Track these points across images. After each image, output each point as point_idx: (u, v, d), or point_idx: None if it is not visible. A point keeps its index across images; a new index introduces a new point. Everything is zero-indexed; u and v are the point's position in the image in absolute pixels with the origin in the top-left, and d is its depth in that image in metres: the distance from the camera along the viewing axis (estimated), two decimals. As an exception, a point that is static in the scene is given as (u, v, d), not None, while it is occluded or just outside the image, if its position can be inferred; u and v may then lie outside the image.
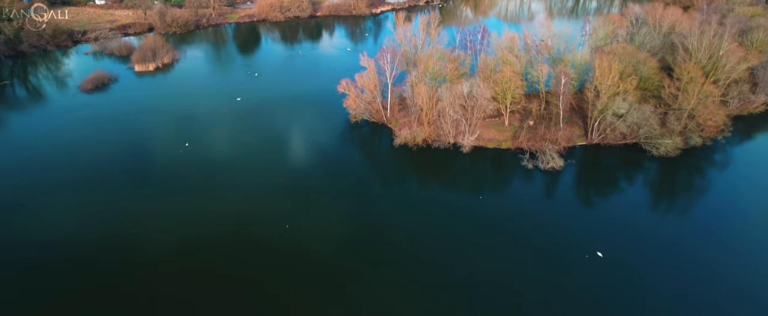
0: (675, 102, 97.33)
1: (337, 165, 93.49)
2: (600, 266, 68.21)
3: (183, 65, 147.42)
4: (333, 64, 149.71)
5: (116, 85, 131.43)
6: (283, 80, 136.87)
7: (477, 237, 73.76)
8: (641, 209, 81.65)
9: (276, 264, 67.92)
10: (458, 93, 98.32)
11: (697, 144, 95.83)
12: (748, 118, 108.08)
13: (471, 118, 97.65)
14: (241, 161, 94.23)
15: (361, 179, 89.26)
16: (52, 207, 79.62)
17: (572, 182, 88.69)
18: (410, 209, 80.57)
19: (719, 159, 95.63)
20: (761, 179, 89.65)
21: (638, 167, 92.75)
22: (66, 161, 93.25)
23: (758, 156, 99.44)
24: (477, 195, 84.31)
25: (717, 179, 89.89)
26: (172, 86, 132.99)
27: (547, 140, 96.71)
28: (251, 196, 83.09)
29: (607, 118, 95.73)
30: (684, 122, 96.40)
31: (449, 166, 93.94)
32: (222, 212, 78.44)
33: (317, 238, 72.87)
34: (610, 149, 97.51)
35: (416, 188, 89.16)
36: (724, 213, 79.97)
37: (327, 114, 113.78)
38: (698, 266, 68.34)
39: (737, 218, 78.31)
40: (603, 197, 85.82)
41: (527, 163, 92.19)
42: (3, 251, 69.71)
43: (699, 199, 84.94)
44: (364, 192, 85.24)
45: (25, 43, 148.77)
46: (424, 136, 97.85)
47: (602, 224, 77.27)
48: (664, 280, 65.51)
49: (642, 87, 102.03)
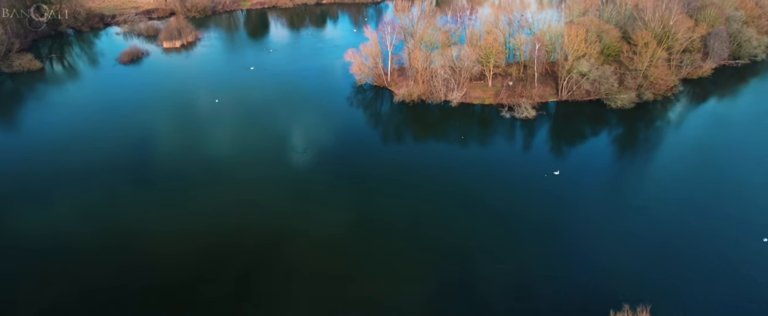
0: (631, 63, 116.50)
1: (344, 116, 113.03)
2: (556, 181, 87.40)
3: (204, 43, 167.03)
4: (338, 42, 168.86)
5: (148, 58, 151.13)
6: (294, 56, 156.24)
7: (460, 166, 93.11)
8: (597, 144, 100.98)
9: (290, 187, 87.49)
10: (448, 57, 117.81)
11: (649, 99, 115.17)
12: (697, 81, 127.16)
13: (459, 78, 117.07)
14: (264, 116, 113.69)
15: (366, 128, 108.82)
16: (119, 139, 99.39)
17: (542, 127, 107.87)
18: (407, 150, 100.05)
19: (667, 111, 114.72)
20: (700, 125, 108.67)
21: (598, 117, 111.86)
22: (118, 113, 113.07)
23: (701, 109, 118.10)
24: (461, 136, 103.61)
25: (663, 127, 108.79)
26: (196, 59, 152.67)
27: (524, 97, 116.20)
28: (271, 137, 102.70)
29: (574, 76, 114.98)
30: (639, 81, 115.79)
31: (440, 117, 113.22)
32: (249, 150, 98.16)
33: (326, 168, 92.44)
34: (577, 104, 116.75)
35: (412, 134, 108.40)
36: (664, 150, 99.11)
37: (335, 80, 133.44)
38: (634, 184, 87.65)
39: (673, 155, 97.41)
40: (566, 136, 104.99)
41: (505, 113, 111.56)
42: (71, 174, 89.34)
43: (645, 139, 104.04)
44: (368, 136, 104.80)
45: (64, 24, 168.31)
46: (419, 94, 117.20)
47: (563, 153, 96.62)
48: (607, 193, 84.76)
49: (605, 53, 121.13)
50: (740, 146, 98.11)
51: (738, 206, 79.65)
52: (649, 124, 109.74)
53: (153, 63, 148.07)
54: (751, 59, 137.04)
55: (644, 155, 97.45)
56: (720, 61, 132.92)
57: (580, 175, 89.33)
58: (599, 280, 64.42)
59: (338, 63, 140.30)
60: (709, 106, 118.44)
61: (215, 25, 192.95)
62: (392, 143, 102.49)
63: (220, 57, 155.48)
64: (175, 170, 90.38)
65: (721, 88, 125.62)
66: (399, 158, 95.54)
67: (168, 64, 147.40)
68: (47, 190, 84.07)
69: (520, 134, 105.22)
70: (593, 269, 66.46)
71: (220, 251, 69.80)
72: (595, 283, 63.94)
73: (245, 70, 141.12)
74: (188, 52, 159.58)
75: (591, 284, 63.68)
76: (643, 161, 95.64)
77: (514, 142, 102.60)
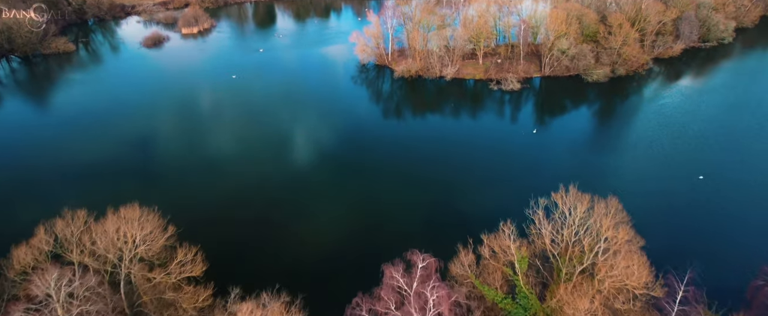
0: (607, 43, 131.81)
1: (349, 90, 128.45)
2: (535, 138, 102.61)
3: (218, 30, 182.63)
4: (343, 29, 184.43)
5: (169, 43, 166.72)
6: (301, 41, 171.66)
7: (451, 125, 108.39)
8: (574, 110, 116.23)
9: (303, 135, 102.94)
10: (443, 37, 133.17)
11: (622, 74, 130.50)
12: (668, 60, 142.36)
13: (452, 56, 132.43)
14: (275, 87, 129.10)
15: (369, 99, 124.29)
16: (161, 102, 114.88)
17: (525, 97, 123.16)
18: (406, 116, 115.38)
19: (637, 84, 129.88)
20: (665, 95, 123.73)
21: (576, 89, 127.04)
22: (147, 87, 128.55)
23: (667, 82, 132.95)
24: (453, 105, 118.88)
25: (632, 97, 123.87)
26: (212, 43, 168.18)
27: (510, 72, 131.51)
28: (283, 104, 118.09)
29: (555, 54, 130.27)
30: (613, 58, 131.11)
31: (435, 90, 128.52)
32: (262, 112, 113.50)
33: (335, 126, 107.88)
34: (558, 78, 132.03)
35: (410, 104, 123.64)
36: (631, 115, 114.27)
37: (340, 61, 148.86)
38: (603, 141, 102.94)
39: (639, 117, 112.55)
40: (547, 105, 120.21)
41: (493, 87, 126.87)
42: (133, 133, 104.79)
43: (616, 106, 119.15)
44: (370, 105, 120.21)
45: (89, 13, 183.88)
46: (416, 69, 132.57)
47: (542, 118, 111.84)
48: (579, 147, 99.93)
49: (584, 33, 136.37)
50: (697, 110, 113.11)
51: (683, 152, 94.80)
52: (620, 94, 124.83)
53: (174, 46, 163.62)
54: (719, 42, 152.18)
55: (614, 119, 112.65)
56: (690, 43, 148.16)
57: (556, 134, 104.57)
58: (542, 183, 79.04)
59: (343, 47, 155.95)
60: (675, 80, 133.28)
61: (226, 15, 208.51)
62: (392, 112, 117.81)
63: (233, 42, 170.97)
64: (208, 121, 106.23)
65: (687, 66, 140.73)
66: (399, 123, 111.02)
67: (187, 47, 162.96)
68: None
69: (505, 103, 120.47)
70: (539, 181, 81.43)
71: (255, 182, 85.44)
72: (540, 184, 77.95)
73: (256, 53, 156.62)
74: (205, 37, 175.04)
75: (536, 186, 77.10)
76: (613, 123, 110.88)
77: (500, 109, 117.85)
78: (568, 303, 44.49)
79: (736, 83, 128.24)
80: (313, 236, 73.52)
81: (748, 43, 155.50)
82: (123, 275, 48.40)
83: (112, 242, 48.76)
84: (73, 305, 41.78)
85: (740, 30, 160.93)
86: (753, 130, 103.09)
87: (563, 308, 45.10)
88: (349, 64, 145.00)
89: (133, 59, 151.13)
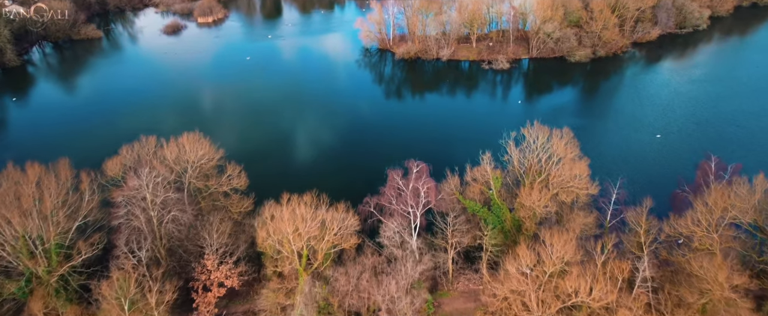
0: (588, 27, 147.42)
1: (353, 70, 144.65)
2: (521, 107, 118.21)
3: (231, 19, 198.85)
4: (347, 19, 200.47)
5: (186, 30, 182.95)
6: (308, 29, 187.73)
7: (446, 97, 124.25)
8: (558, 84, 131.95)
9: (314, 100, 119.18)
10: (440, 22, 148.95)
11: (602, 55, 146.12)
12: (645, 44, 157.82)
13: (448, 39, 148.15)
14: (285, 65, 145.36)
15: (371, 77, 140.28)
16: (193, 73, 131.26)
17: (513, 75, 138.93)
18: (406, 92, 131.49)
19: (615, 64, 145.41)
20: (638, 73, 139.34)
21: (560, 69, 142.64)
22: (183, 62, 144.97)
23: (641, 62, 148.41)
24: (447, 81, 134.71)
25: (612, 76, 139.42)
26: (226, 30, 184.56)
27: (501, 54, 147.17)
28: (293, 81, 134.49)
29: (541, 36, 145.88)
30: (594, 41, 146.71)
31: (432, 70, 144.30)
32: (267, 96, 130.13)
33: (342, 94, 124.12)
34: (544, 59, 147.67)
35: (410, 82, 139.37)
36: (607, 87, 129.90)
37: (345, 45, 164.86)
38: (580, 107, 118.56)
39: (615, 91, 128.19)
40: (533, 82, 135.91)
41: (485, 66, 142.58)
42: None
43: (595, 82, 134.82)
44: (376, 80, 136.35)
45: (110, 3, 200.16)
46: (415, 51, 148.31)
47: (528, 92, 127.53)
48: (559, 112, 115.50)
49: (568, 19, 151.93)
50: (668, 84, 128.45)
51: (649, 117, 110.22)
52: (600, 73, 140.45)
53: (191, 33, 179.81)
54: (694, 29, 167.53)
55: (592, 92, 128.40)
56: (666, 29, 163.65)
57: (540, 104, 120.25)
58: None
59: (347, 34, 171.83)
60: (650, 61, 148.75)
61: (236, 7, 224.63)
62: (395, 86, 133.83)
63: (244, 30, 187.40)
64: (238, 84, 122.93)
65: (663, 49, 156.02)
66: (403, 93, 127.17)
67: (204, 34, 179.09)
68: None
69: (495, 80, 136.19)
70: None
71: (285, 124, 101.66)
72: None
73: (266, 40, 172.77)
74: (219, 26, 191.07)
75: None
76: (590, 95, 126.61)
77: (491, 84, 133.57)
78: (526, 198, 59.70)
79: (705, 63, 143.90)
80: (333, 161, 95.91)
81: (722, 31, 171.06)
82: (186, 184, 63.65)
83: (178, 158, 64.10)
84: (157, 195, 56.99)
85: (716, 18, 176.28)
86: (711, 99, 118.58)
87: (523, 203, 60.30)
88: (354, 48, 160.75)
89: (157, 43, 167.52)
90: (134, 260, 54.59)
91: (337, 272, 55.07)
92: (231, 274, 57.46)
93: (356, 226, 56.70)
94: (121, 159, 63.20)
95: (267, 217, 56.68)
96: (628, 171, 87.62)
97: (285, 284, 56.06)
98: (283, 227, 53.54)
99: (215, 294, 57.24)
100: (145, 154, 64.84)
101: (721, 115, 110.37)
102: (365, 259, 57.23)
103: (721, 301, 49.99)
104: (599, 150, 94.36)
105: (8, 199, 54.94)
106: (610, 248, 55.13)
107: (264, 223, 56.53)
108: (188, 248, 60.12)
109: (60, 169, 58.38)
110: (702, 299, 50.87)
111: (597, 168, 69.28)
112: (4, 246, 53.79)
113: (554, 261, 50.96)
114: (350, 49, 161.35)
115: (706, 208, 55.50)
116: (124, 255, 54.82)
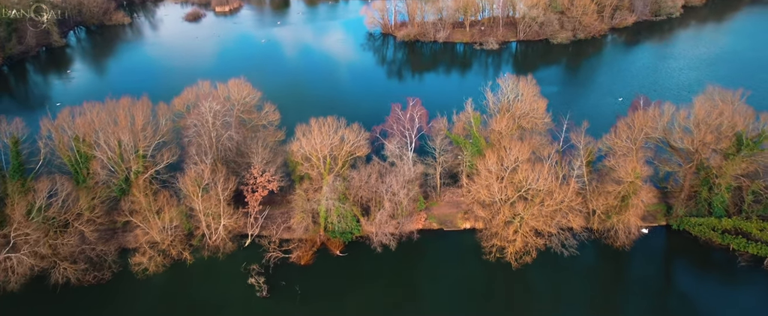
0: (569, 12, 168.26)
1: (359, 50, 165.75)
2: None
3: (245, 8, 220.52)
4: (351, 8, 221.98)
5: (205, 18, 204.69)
6: (316, 17, 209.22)
7: (442, 73, 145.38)
8: (542, 62, 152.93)
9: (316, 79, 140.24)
10: (437, 8, 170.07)
11: (582, 38, 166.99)
12: (622, 29, 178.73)
13: (444, 23, 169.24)
14: (296, 45, 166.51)
15: (375, 56, 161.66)
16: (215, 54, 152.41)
17: (502, 54, 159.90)
18: (406, 72, 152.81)
19: (592, 45, 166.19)
20: (611, 52, 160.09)
21: (544, 49, 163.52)
22: (197, 49, 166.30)
23: (616, 43, 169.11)
24: (442, 62, 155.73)
25: (591, 55, 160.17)
26: (241, 18, 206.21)
27: (491, 36, 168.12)
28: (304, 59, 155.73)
29: (527, 21, 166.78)
30: (574, 25, 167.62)
31: (430, 51, 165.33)
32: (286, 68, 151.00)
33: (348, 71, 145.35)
34: (529, 41, 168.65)
35: (410, 63, 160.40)
36: (585, 65, 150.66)
37: (351, 31, 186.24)
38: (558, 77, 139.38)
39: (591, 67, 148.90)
40: (518, 60, 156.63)
41: (477, 46, 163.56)
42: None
43: (573, 59, 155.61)
44: (379, 59, 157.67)
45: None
46: (414, 34, 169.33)
47: (513, 67, 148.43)
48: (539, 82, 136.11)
49: (552, 6, 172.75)
50: (637, 61, 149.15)
51: (618, 84, 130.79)
52: (579, 53, 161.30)
53: (210, 21, 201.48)
54: (668, 16, 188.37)
55: (571, 68, 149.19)
56: (642, 16, 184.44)
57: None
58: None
59: (353, 21, 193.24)
60: (626, 43, 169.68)
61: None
62: (394, 68, 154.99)
63: (257, 18, 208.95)
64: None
65: (637, 33, 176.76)
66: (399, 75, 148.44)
67: (221, 21, 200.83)
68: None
69: (486, 58, 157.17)
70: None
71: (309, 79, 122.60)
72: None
73: (278, 26, 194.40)
74: (234, 15, 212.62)
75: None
76: (569, 70, 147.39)
77: (482, 62, 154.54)
78: (496, 125, 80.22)
79: (674, 44, 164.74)
80: (348, 103, 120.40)
81: (694, 18, 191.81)
82: (235, 116, 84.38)
83: (228, 96, 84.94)
84: (217, 119, 77.73)
85: (689, 8, 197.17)
86: (674, 72, 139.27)
87: (494, 129, 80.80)
88: (359, 33, 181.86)
89: (181, 28, 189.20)
90: (202, 165, 75.28)
91: (352, 173, 75.66)
92: (272, 179, 77.98)
93: (367, 139, 77.37)
94: (185, 96, 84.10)
95: (300, 135, 77.27)
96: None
97: (312, 184, 76.57)
98: (313, 139, 74.10)
99: (260, 194, 77.74)
100: (202, 93, 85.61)
101: (679, 84, 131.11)
102: (372, 167, 77.84)
103: (631, 187, 70.51)
104: (568, 107, 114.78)
105: (109, 120, 75.84)
106: (555, 154, 75.82)
107: (297, 139, 77.11)
108: (237, 161, 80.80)
109: (143, 100, 79.39)
110: (618, 188, 71.42)
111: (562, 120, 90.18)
112: (107, 153, 74.59)
113: (511, 160, 71.51)
114: (355, 33, 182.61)
115: (629, 128, 76.07)
116: (193, 161, 75.52)
